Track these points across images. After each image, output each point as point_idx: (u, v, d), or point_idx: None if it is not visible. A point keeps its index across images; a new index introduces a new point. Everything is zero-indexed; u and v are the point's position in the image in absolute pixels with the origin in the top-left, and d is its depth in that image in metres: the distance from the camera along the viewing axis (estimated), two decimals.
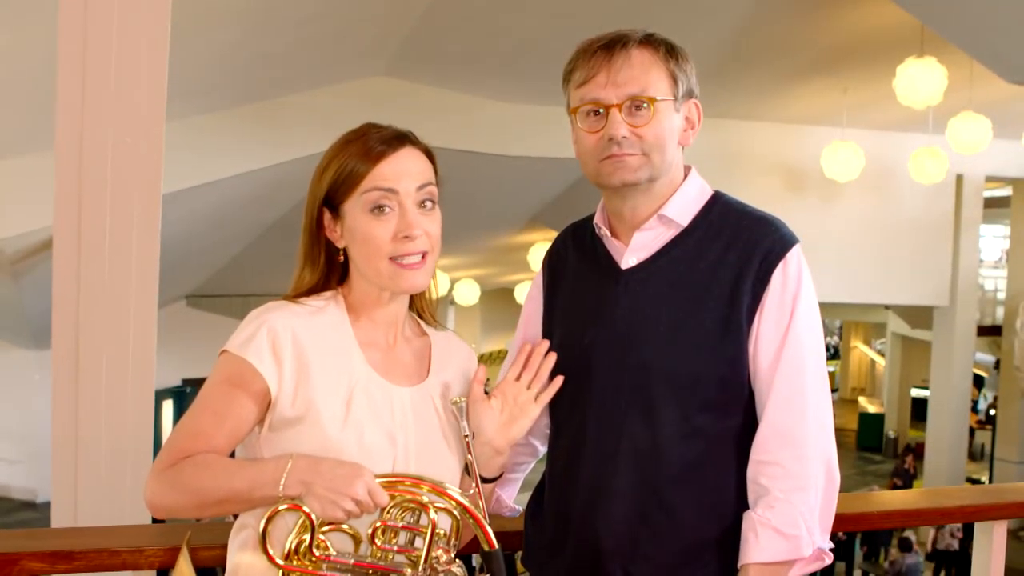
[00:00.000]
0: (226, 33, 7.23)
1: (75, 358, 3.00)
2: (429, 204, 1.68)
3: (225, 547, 1.73)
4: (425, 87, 9.66)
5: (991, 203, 16.86)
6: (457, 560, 1.57)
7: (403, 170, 1.65)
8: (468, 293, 17.94)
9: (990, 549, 2.52)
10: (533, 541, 1.94)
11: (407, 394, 1.70)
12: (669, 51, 1.77)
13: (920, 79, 8.76)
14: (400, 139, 1.67)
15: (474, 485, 1.63)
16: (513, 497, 2.10)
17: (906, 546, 12.04)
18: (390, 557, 1.55)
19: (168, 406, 16.57)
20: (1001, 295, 17.88)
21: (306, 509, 1.51)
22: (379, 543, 1.55)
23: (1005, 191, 17.58)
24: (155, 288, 3.13)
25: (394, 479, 1.56)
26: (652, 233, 1.82)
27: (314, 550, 1.53)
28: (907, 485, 16.71)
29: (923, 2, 6.83)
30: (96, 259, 2.97)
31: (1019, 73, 7.22)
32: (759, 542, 1.67)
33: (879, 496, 2.70)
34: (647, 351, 1.75)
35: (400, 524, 1.56)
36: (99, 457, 3.05)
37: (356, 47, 8.68)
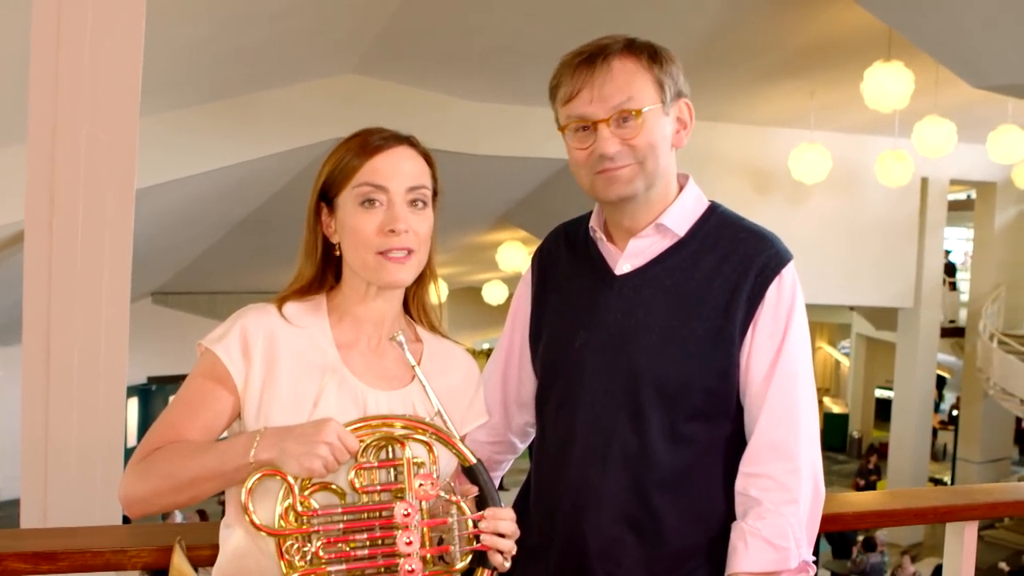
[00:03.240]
0: (196, 29, 7.18)
1: (46, 355, 2.97)
2: (420, 204, 1.68)
3: (214, 546, 1.73)
4: (396, 85, 9.64)
5: (955, 206, 17.07)
6: (438, 484, 1.57)
7: (396, 169, 1.66)
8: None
9: (961, 549, 2.56)
10: (518, 542, 1.94)
11: (384, 398, 1.69)
12: (652, 56, 1.74)
13: (887, 83, 8.85)
14: (399, 138, 1.70)
15: (436, 412, 1.63)
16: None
17: (870, 546, 12.14)
18: (377, 498, 1.55)
19: (133, 404, 16.46)
20: (964, 297, 18.07)
21: (284, 472, 1.53)
22: (360, 486, 1.56)
23: (968, 194, 17.79)
24: (127, 285, 3.11)
25: (361, 423, 1.58)
26: (648, 241, 1.82)
27: (300, 510, 1.53)
28: (871, 485, 16.86)
29: (891, 7, 6.90)
30: (68, 255, 2.95)
31: (984, 78, 7.31)
32: (748, 552, 1.68)
33: (853, 497, 2.73)
34: (638, 357, 1.75)
35: (376, 463, 1.57)
36: (69, 456, 3.03)
37: (327, 45, 8.65)
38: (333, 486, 1.58)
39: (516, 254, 15.22)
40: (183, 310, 16.09)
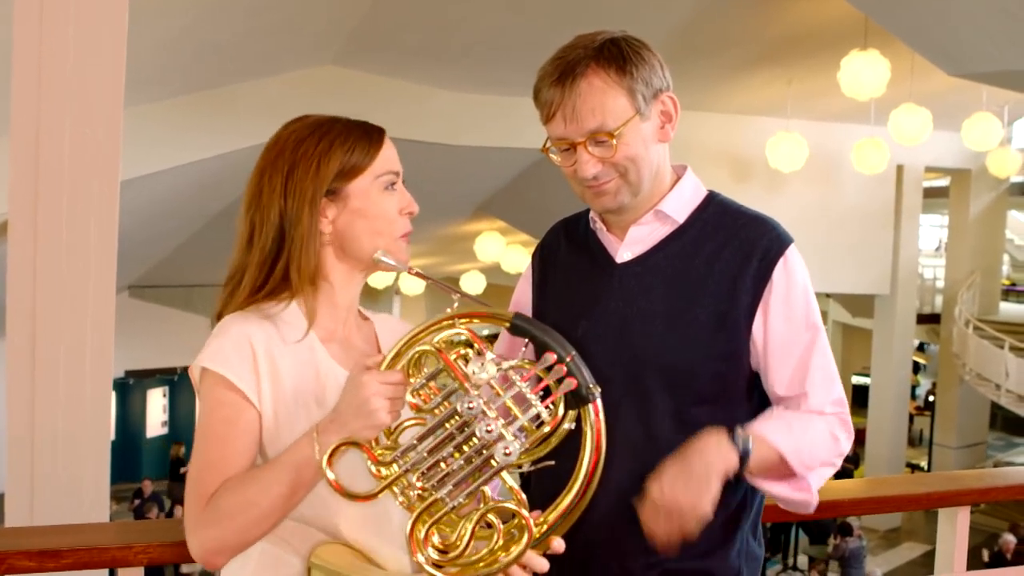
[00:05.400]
0: (173, 21, 7.13)
1: (31, 348, 2.95)
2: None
3: None
4: (374, 76, 9.61)
5: (930, 193, 17.20)
6: (488, 362, 1.48)
7: (396, 154, 1.72)
8: (414, 283, 17.89)
9: (954, 534, 2.60)
10: None
11: None
12: (620, 67, 1.71)
13: (864, 71, 8.91)
14: (380, 127, 1.73)
15: (455, 295, 1.61)
16: (499, 490, 2.08)
17: (847, 531, 12.21)
18: (445, 405, 1.51)
19: (111, 399, 16.37)
20: (940, 283, 18.22)
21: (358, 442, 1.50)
22: (421, 404, 1.53)
23: (943, 181, 17.93)
24: (112, 278, 3.09)
25: (392, 358, 1.53)
26: (648, 228, 1.83)
27: (386, 457, 1.50)
28: (847, 472, 16.96)
29: None
30: (53, 248, 2.92)
31: (960, 65, 7.36)
32: (775, 422, 1.72)
33: (847, 484, 2.75)
34: (641, 345, 1.75)
35: (423, 378, 1.53)
36: (56, 451, 3.00)
37: (305, 36, 8.61)
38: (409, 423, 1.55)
39: (494, 244, 15.22)
40: (160, 303, 16.01)
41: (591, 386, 1.48)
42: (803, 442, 1.71)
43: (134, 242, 10.75)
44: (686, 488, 1.58)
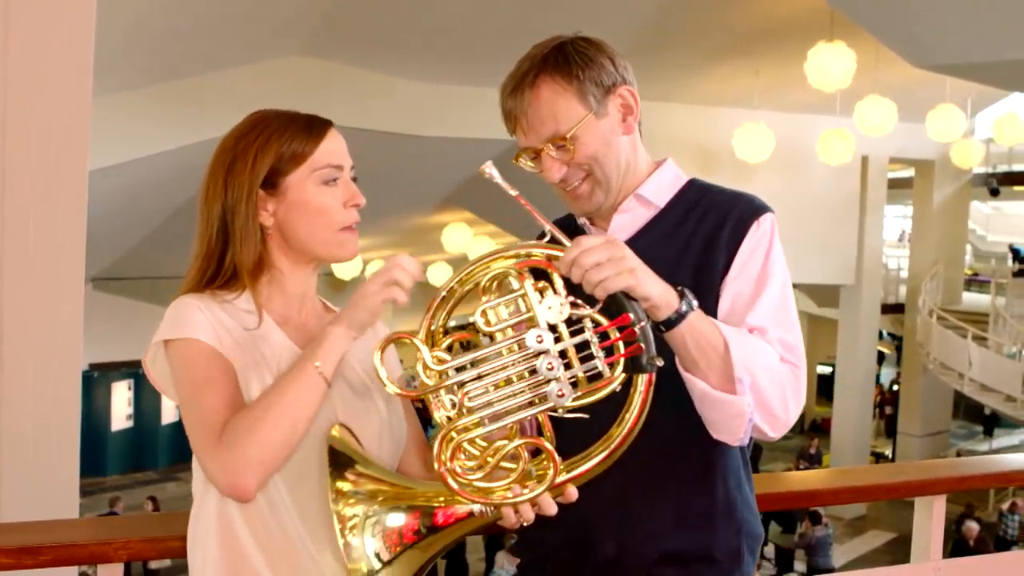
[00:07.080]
0: (136, 10, 7.06)
1: None
2: (355, 179, 1.75)
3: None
4: (340, 67, 9.56)
5: (894, 184, 17.37)
6: (567, 303, 1.48)
7: (342, 148, 1.73)
8: None
9: (930, 522, 2.61)
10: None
11: None
12: (566, 72, 1.74)
13: (830, 63, 8.97)
14: (326, 120, 1.74)
15: (548, 228, 1.58)
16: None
17: (816, 518, 12.31)
18: (509, 332, 1.49)
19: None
20: (904, 273, 18.39)
21: (407, 335, 1.51)
22: (487, 326, 1.50)
23: (907, 172, 18.10)
24: (81, 270, 3.06)
25: (460, 275, 1.54)
26: (630, 215, 1.84)
27: (432, 367, 1.48)
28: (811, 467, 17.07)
29: None
30: (20, 242, 2.88)
31: (924, 57, 7.43)
32: (734, 333, 1.62)
33: (826, 474, 2.76)
34: None
35: (499, 300, 1.51)
36: (25, 446, 2.96)
37: (271, 26, 8.55)
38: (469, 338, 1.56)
39: (461, 235, 15.18)
40: (125, 296, 15.87)
41: (652, 357, 1.47)
42: (751, 345, 1.63)
43: (97, 235, 10.63)
44: (618, 261, 1.51)
